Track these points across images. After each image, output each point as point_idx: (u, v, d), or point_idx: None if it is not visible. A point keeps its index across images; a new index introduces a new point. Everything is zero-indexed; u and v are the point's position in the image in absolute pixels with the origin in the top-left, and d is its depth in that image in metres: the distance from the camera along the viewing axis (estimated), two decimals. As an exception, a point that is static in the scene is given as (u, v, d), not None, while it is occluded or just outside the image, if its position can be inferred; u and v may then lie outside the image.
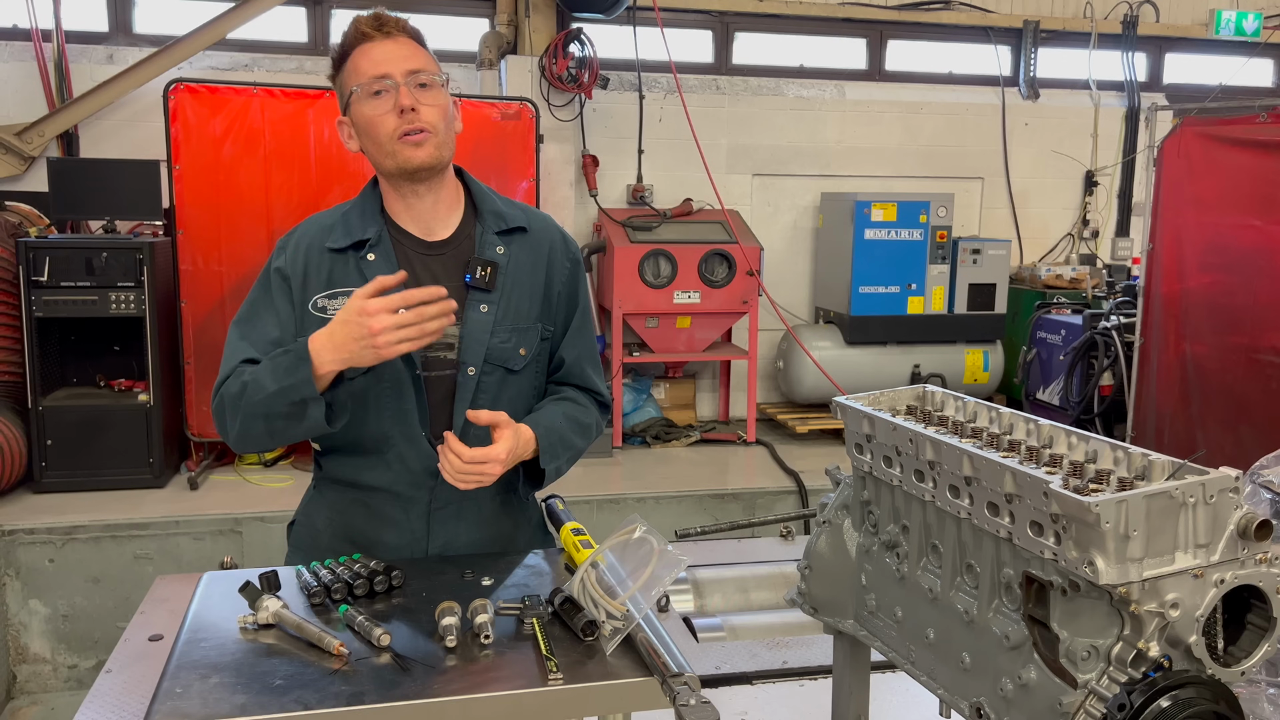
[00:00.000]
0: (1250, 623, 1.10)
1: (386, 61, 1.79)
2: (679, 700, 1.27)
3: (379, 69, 1.78)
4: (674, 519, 5.21)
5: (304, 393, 1.67)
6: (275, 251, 1.90)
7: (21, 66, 5.81)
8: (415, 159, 1.80)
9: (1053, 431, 1.27)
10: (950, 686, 1.28)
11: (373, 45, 1.80)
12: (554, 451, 1.86)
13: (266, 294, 1.86)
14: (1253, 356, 5.09)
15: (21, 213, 5.47)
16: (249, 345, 1.82)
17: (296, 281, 1.85)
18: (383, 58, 1.79)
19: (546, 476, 1.89)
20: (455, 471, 1.71)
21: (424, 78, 1.80)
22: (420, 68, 1.81)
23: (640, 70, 6.52)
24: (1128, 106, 7.63)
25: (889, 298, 6.52)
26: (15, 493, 5.02)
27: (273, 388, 1.69)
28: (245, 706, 1.28)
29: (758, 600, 2.34)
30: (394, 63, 1.79)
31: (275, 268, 1.87)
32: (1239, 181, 5.13)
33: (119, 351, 5.41)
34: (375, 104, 1.79)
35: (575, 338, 1.98)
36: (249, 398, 1.72)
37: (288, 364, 1.69)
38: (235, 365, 1.80)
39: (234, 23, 5.82)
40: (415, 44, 1.84)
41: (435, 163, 1.82)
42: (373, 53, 1.80)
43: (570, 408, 1.94)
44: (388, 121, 1.78)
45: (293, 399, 1.68)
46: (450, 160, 1.88)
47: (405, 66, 1.79)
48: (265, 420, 1.73)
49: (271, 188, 5.31)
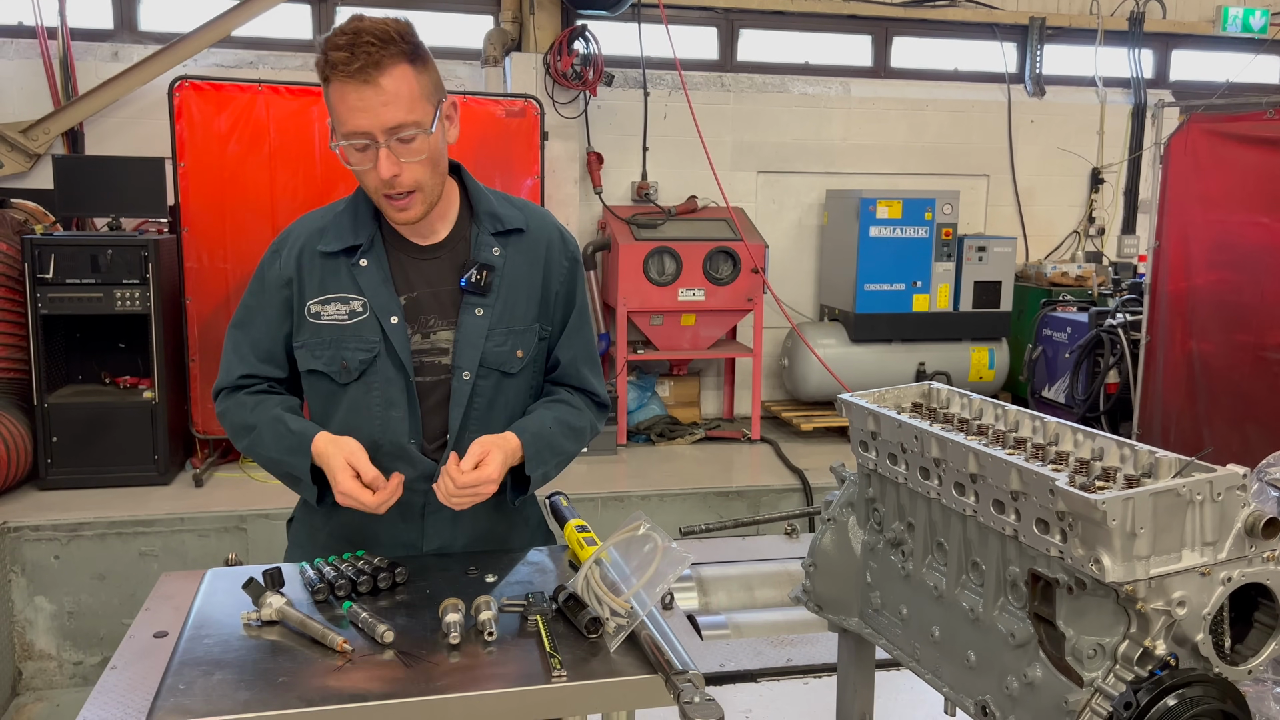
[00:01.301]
0: (1257, 621, 1.10)
1: (364, 114, 1.65)
2: (683, 698, 1.27)
3: (357, 123, 1.66)
4: (678, 517, 5.20)
5: (299, 475, 1.79)
6: (269, 254, 1.88)
7: (27, 64, 5.82)
8: (401, 219, 1.79)
9: (1059, 429, 1.26)
10: (955, 684, 1.28)
11: (349, 89, 1.64)
12: (541, 458, 1.84)
13: (259, 299, 1.87)
14: (1260, 354, 5.07)
15: (27, 210, 5.48)
16: (245, 355, 1.87)
17: (293, 287, 1.84)
18: (360, 107, 1.64)
19: (532, 484, 1.86)
20: (449, 495, 1.71)
21: (403, 132, 1.67)
22: (400, 122, 1.66)
23: (645, 67, 6.51)
24: (1134, 103, 7.61)
25: (894, 295, 6.51)
26: (21, 489, 5.03)
27: (274, 455, 1.81)
28: (249, 703, 1.28)
29: (762, 598, 2.34)
30: (371, 116, 1.65)
31: (267, 273, 1.87)
32: (1246, 178, 5.11)
33: (124, 349, 5.42)
34: (358, 158, 1.71)
35: (572, 337, 1.96)
36: (253, 443, 1.84)
37: (290, 444, 1.79)
38: (235, 378, 1.87)
39: (239, 20, 5.82)
40: (398, 77, 1.65)
41: (423, 216, 1.80)
42: (349, 98, 1.65)
43: (562, 410, 1.91)
44: (372, 177, 1.72)
45: (290, 472, 1.81)
46: (440, 196, 1.82)
47: (384, 123, 1.65)
48: (266, 467, 1.87)
49: (276, 185, 5.31)
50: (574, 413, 1.93)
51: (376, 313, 1.80)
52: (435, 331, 1.83)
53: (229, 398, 1.88)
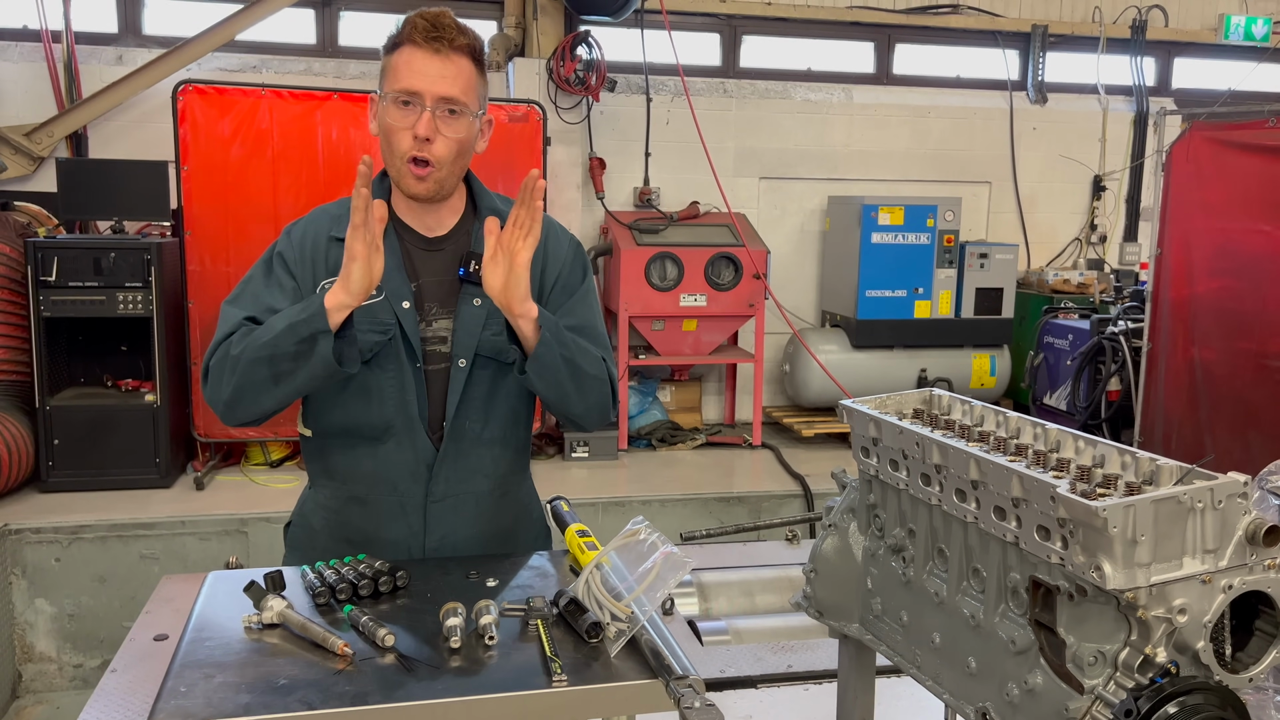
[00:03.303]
0: (1258, 629, 1.10)
1: (424, 77, 1.75)
2: (683, 703, 1.27)
3: (413, 83, 1.75)
4: (679, 522, 5.20)
5: (315, 326, 1.66)
6: (280, 238, 1.91)
7: (31, 67, 5.83)
8: (412, 189, 1.82)
9: (1060, 435, 1.26)
10: (956, 691, 1.28)
11: (419, 54, 1.76)
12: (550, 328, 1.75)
13: (268, 273, 1.87)
14: (1261, 362, 5.07)
15: (30, 213, 5.49)
16: (245, 308, 1.80)
17: (304, 267, 1.86)
18: (423, 71, 1.75)
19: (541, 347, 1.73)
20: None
21: (455, 105, 1.77)
22: (454, 95, 1.76)
23: (647, 73, 6.52)
24: (1136, 111, 7.61)
25: (896, 301, 6.51)
26: (22, 492, 5.03)
27: (282, 326, 1.69)
28: (249, 706, 1.28)
29: (763, 604, 2.34)
30: (429, 82, 1.75)
31: (279, 251, 1.88)
32: (1248, 186, 5.11)
33: (126, 351, 5.42)
34: (398, 115, 1.78)
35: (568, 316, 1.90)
36: (254, 341, 1.71)
37: (301, 305, 1.72)
38: (234, 325, 1.77)
39: (243, 24, 5.84)
40: (464, 64, 1.78)
41: (433, 196, 1.84)
42: (415, 62, 1.76)
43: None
44: (404, 138, 1.78)
45: (302, 335, 1.67)
46: (453, 189, 1.87)
47: (438, 91, 1.75)
48: (270, 365, 1.69)
49: (279, 189, 5.32)
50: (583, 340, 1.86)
51: (390, 296, 1.82)
52: (435, 320, 1.87)
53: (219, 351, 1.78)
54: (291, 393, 1.75)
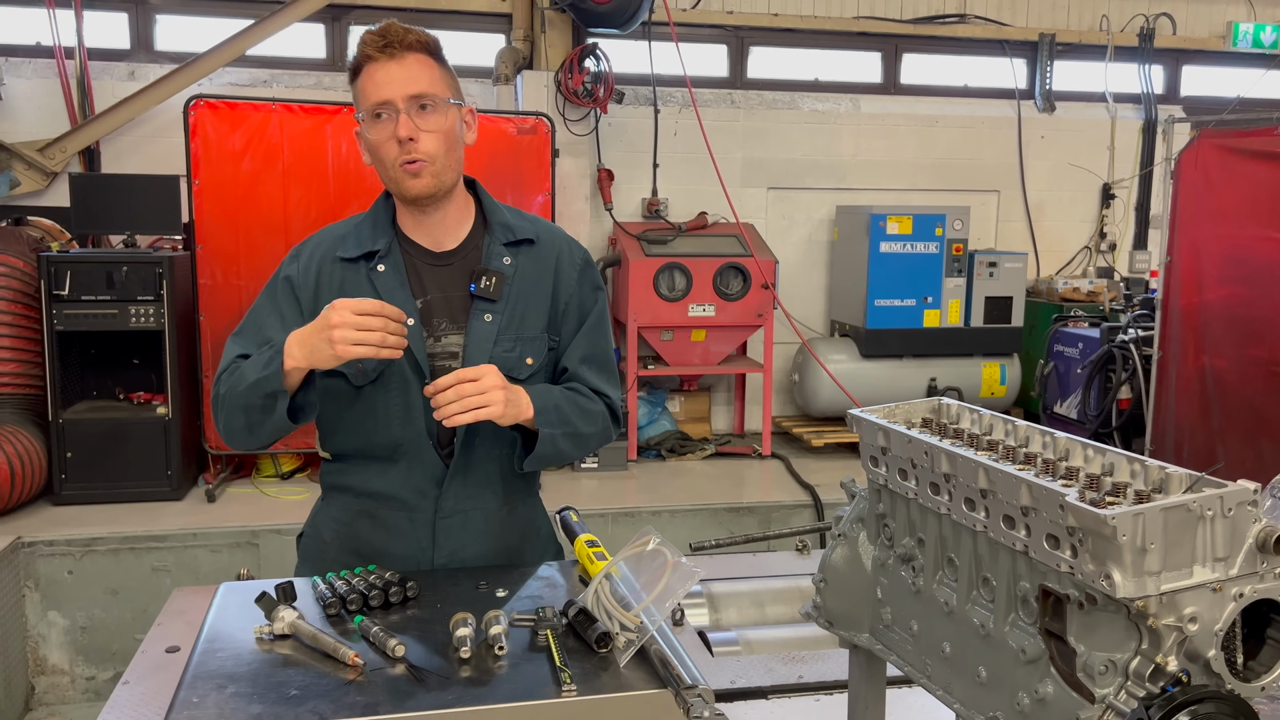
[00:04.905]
0: (1270, 637, 1.09)
1: (388, 85, 1.77)
2: (693, 713, 1.27)
3: (381, 94, 1.78)
4: (689, 532, 5.19)
5: (273, 385, 1.71)
6: (287, 259, 1.92)
7: (44, 83, 5.89)
8: (413, 189, 1.82)
9: (1069, 444, 1.26)
10: (967, 701, 1.27)
11: (376, 67, 1.78)
12: (548, 416, 1.81)
13: (272, 300, 1.88)
14: (1273, 369, 5.04)
15: (43, 227, 5.53)
16: (244, 342, 1.85)
17: (308, 291, 1.87)
18: (385, 80, 1.78)
19: (541, 445, 1.81)
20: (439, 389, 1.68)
21: (426, 100, 1.79)
22: (422, 91, 1.79)
23: (655, 85, 6.55)
24: (1145, 119, 7.60)
25: (905, 311, 6.50)
26: (35, 505, 5.05)
27: (251, 379, 1.73)
28: (261, 716, 1.29)
29: (773, 614, 2.33)
30: (395, 86, 1.77)
31: (285, 275, 1.89)
32: (1257, 193, 5.09)
33: (138, 365, 5.45)
34: (378, 129, 1.80)
35: (581, 343, 1.96)
36: (233, 389, 1.77)
37: (266, 358, 1.74)
38: (228, 363, 1.83)
39: (253, 39, 5.88)
40: (422, 60, 1.80)
41: (433, 191, 1.84)
42: (375, 75, 1.78)
43: (571, 393, 1.91)
44: (390, 148, 1.80)
45: (265, 391, 1.72)
46: (453, 184, 1.88)
47: (406, 91, 1.77)
48: (244, 414, 1.76)
49: (290, 202, 5.35)
50: (584, 398, 1.92)
51: None
52: (445, 335, 1.87)
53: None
54: (273, 434, 1.78)
